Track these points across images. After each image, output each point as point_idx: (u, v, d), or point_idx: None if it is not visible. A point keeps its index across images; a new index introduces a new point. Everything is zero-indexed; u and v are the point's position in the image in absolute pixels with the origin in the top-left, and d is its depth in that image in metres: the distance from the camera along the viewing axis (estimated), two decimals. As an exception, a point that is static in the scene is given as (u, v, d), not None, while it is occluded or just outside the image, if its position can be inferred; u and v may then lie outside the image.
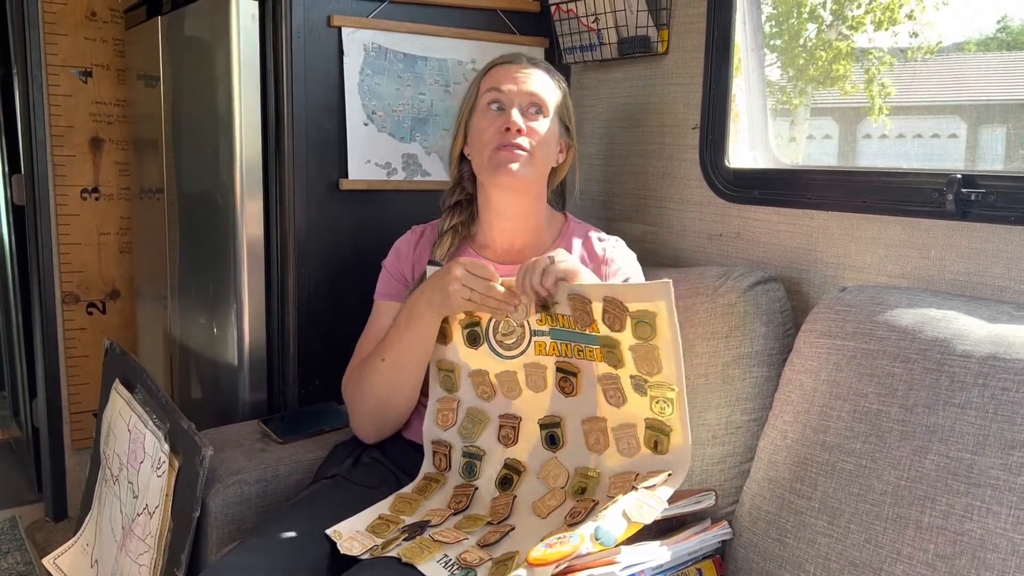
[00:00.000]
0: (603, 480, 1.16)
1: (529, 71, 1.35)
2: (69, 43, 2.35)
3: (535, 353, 1.20)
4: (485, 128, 1.33)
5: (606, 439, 1.17)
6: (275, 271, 1.68)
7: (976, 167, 2.28)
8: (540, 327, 1.19)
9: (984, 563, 0.93)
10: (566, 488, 1.18)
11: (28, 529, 2.40)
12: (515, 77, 1.34)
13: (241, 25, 1.62)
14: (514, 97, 1.32)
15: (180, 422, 1.35)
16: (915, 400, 1.05)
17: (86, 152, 2.41)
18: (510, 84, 1.33)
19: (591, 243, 1.40)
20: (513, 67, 1.36)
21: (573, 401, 1.19)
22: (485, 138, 1.32)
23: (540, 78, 1.35)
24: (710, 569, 1.17)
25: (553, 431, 1.21)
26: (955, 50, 2.58)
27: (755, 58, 1.66)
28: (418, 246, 1.42)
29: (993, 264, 1.20)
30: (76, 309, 2.45)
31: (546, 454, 1.21)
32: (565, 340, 1.18)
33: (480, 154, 1.34)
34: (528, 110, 1.33)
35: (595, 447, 1.18)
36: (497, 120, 1.32)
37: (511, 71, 1.35)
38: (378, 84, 1.68)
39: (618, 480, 1.13)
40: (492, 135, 1.31)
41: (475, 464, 1.25)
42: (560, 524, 1.11)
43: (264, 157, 1.66)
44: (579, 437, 1.19)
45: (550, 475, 1.20)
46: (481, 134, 1.33)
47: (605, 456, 1.17)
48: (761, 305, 1.33)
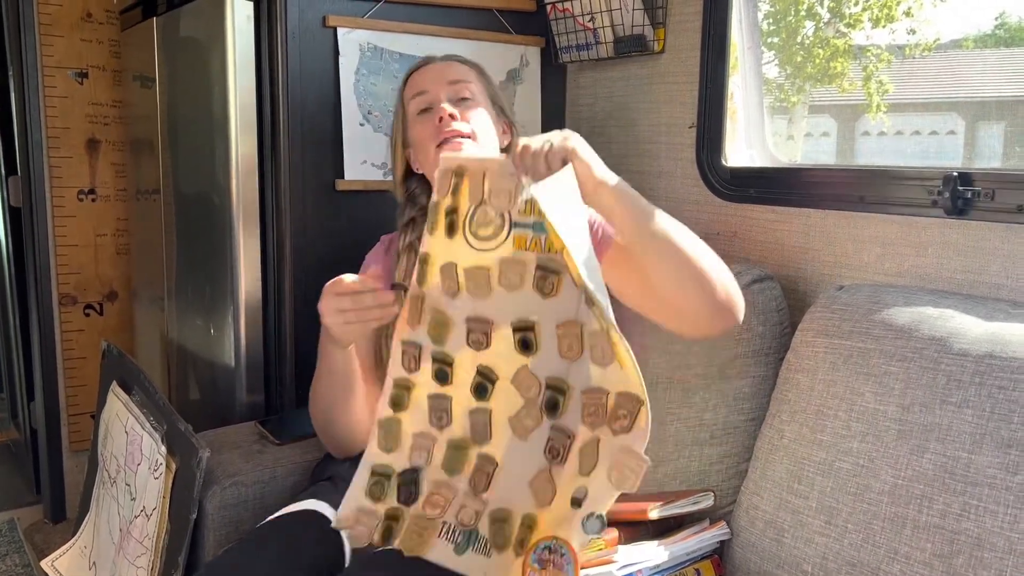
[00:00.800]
0: (574, 395, 1.03)
1: (443, 65, 1.37)
2: (65, 44, 2.34)
3: (513, 248, 1.05)
4: (422, 132, 1.31)
5: (580, 346, 1.02)
6: (272, 272, 1.68)
7: (974, 164, 2.27)
8: (523, 218, 1.03)
9: (981, 562, 0.93)
10: (539, 402, 1.06)
11: (26, 531, 2.40)
12: (433, 74, 1.35)
13: (236, 25, 1.61)
14: (439, 91, 1.32)
15: (177, 424, 1.35)
16: (912, 399, 1.05)
17: (82, 153, 2.41)
18: (430, 82, 1.33)
19: None
20: (428, 68, 1.37)
21: (551, 303, 1.04)
22: (426, 141, 1.30)
23: (457, 68, 1.36)
24: (708, 569, 1.17)
25: (526, 335, 1.08)
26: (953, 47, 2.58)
27: (752, 56, 1.66)
28: (385, 259, 1.40)
29: (990, 262, 1.20)
30: (73, 311, 2.45)
31: (519, 359, 1.08)
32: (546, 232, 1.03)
33: (426, 159, 1.31)
34: (456, 101, 1.32)
35: (568, 354, 1.03)
36: (430, 120, 1.30)
37: (427, 72, 1.36)
38: (374, 84, 1.68)
39: (590, 401, 1.00)
40: (430, 133, 1.29)
41: (446, 370, 1.12)
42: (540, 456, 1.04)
43: (260, 158, 1.66)
44: (552, 343, 1.05)
45: (522, 385, 1.08)
46: (422, 141, 1.31)
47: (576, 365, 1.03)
48: (758, 304, 1.32)
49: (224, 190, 1.68)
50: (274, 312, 1.69)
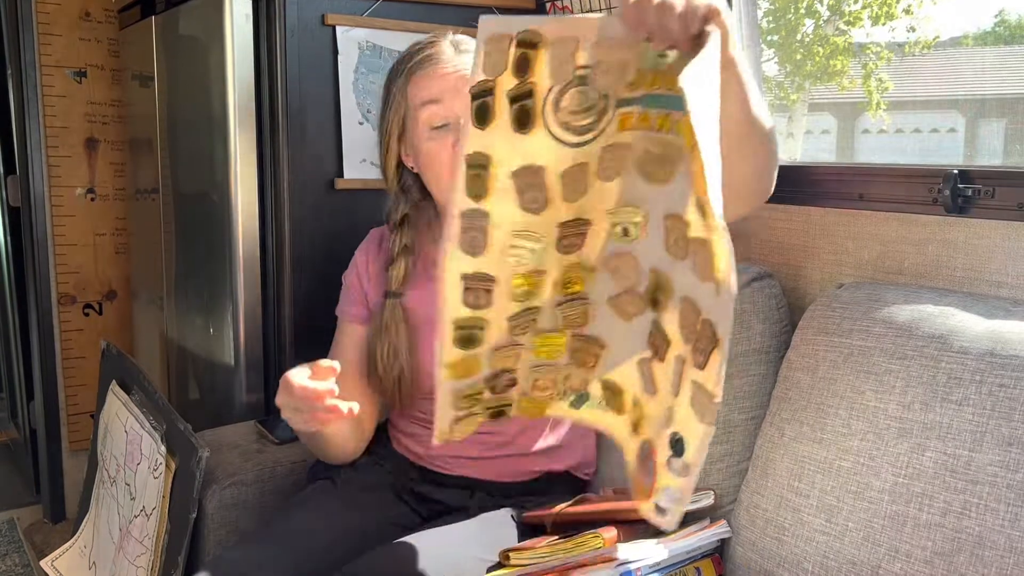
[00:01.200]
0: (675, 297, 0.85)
1: (462, 62, 1.17)
2: (63, 43, 2.34)
3: (618, 129, 0.84)
4: (437, 151, 1.16)
5: (684, 248, 0.82)
6: (271, 271, 1.68)
7: (975, 161, 2.27)
8: (630, 94, 0.82)
9: (982, 560, 0.93)
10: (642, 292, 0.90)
11: (26, 531, 2.40)
12: (448, 82, 1.15)
13: (235, 24, 1.61)
14: (453, 103, 1.14)
15: (177, 423, 1.35)
16: (912, 397, 1.04)
17: (81, 153, 2.41)
18: (445, 91, 1.15)
19: None
20: (441, 68, 1.17)
21: (661, 190, 0.85)
22: (437, 164, 1.17)
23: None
24: (708, 568, 1.16)
25: (628, 225, 0.90)
26: (952, 44, 2.58)
27: (752, 54, 1.65)
28: (378, 256, 1.33)
29: (991, 260, 1.19)
30: (72, 310, 2.45)
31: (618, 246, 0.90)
32: (661, 107, 0.82)
33: (438, 180, 1.20)
34: None
35: (674, 249, 0.84)
36: (447, 139, 1.15)
37: (439, 75, 1.16)
38: (373, 83, 1.68)
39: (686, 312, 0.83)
40: (448, 157, 1.15)
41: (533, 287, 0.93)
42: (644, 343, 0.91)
43: (259, 157, 1.66)
44: (659, 233, 0.86)
45: (620, 271, 0.91)
46: (433, 158, 1.17)
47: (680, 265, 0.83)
48: (758, 302, 1.32)
49: (223, 189, 1.67)
50: (273, 311, 1.69)
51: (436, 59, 1.18)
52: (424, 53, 1.19)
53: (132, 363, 1.58)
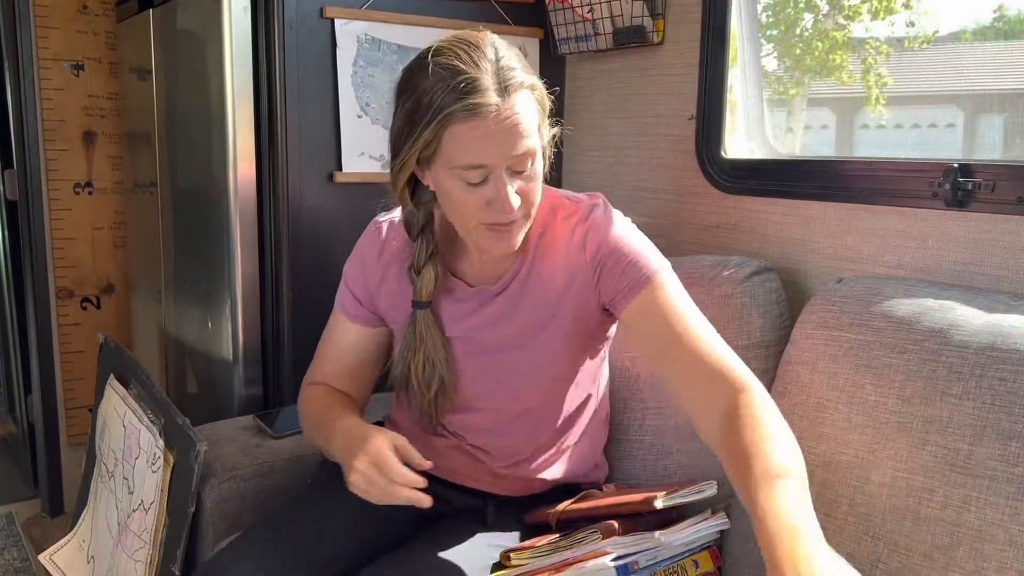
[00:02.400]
0: None
1: (508, 118, 1.00)
2: (60, 36, 2.33)
3: None
4: (464, 201, 1.04)
5: None
6: (269, 265, 1.67)
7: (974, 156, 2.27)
8: None
9: (982, 554, 0.93)
10: None
11: (24, 525, 2.40)
12: (500, 140, 1.00)
13: (233, 17, 1.60)
14: (499, 165, 1.02)
15: (175, 417, 1.35)
16: (912, 391, 1.04)
17: (79, 146, 2.40)
18: (493, 154, 1.01)
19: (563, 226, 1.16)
20: (486, 123, 0.99)
21: None
22: (465, 212, 1.06)
23: (526, 114, 1.02)
24: (706, 561, 1.16)
25: None
26: (952, 39, 2.57)
27: (751, 48, 1.65)
28: (383, 251, 1.23)
29: (991, 254, 1.19)
30: (70, 304, 2.45)
31: None
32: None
33: (459, 222, 1.10)
34: (516, 169, 1.04)
35: None
36: (479, 193, 1.03)
37: (487, 131, 0.99)
38: (371, 76, 1.67)
39: None
40: (475, 212, 1.05)
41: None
42: None
43: (257, 150, 1.65)
44: None
45: None
46: (459, 206, 1.06)
47: None
48: (758, 296, 1.32)
49: (221, 183, 1.67)
50: (272, 305, 1.68)
51: (481, 112, 0.98)
52: (469, 99, 0.98)
53: (130, 357, 1.57)
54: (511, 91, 1.00)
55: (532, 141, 1.03)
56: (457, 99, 0.98)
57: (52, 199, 2.36)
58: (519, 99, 1.01)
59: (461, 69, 0.99)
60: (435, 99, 1.00)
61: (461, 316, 1.19)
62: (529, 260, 1.17)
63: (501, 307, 1.17)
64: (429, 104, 1.00)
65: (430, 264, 1.15)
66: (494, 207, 1.04)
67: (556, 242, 1.16)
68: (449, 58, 1.00)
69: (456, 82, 0.99)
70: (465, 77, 0.99)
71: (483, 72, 1.00)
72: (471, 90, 0.98)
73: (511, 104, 1.00)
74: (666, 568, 1.08)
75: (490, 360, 1.19)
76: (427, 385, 1.18)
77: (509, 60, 1.02)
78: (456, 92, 0.98)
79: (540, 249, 1.17)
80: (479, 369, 1.20)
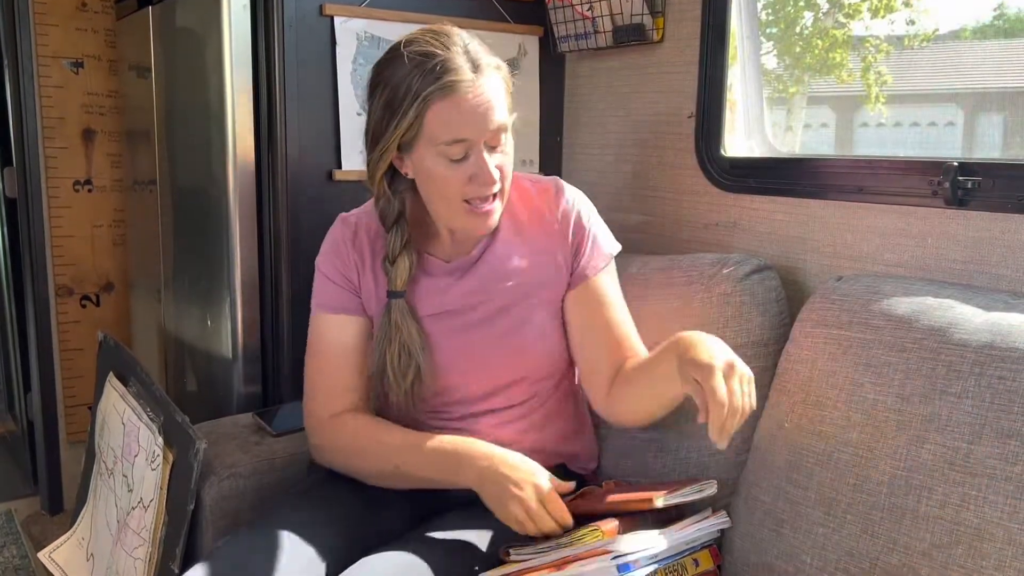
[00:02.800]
0: None
1: (485, 92, 1.10)
2: (60, 34, 2.33)
3: None
4: (447, 178, 1.12)
5: None
6: (268, 263, 1.67)
7: (973, 155, 2.27)
8: None
9: (980, 552, 0.93)
10: None
11: (24, 523, 2.40)
12: (477, 115, 1.09)
13: (232, 14, 1.60)
14: (481, 140, 1.11)
15: (174, 415, 1.35)
16: (911, 389, 1.04)
17: (78, 144, 2.40)
18: (472, 128, 1.10)
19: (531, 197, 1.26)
20: (462, 98, 1.08)
21: None
22: (449, 190, 1.14)
23: (496, 91, 1.12)
24: (706, 559, 1.16)
25: None
26: (952, 38, 2.57)
27: (751, 46, 1.65)
28: (355, 241, 1.27)
29: (990, 252, 1.19)
30: (69, 302, 2.45)
31: None
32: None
33: (441, 202, 1.17)
34: (492, 144, 1.13)
35: None
36: (460, 171, 1.12)
37: (464, 106, 1.08)
38: (371, 74, 1.67)
39: None
40: (458, 188, 1.13)
41: None
42: None
43: (257, 148, 1.65)
44: None
45: None
46: (443, 183, 1.13)
47: None
48: (757, 295, 1.32)
49: (221, 180, 1.67)
50: (271, 303, 1.68)
51: (458, 88, 1.08)
52: (445, 78, 1.08)
53: (129, 355, 1.57)
54: (482, 69, 1.10)
55: (504, 116, 1.12)
56: (435, 79, 1.08)
57: (51, 197, 2.36)
58: (489, 76, 1.11)
59: (435, 53, 1.09)
60: (413, 84, 1.08)
61: (436, 292, 1.24)
62: (501, 233, 1.24)
63: (476, 281, 1.23)
64: (407, 89, 1.09)
65: (405, 253, 1.20)
66: (476, 181, 1.12)
67: (530, 216, 1.26)
68: (421, 46, 1.10)
69: (432, 64, 1.08)
70: (439, 59, 1.08)
71: (455, 54, 1.09)
72: (446, 70, 1.08)
73: (483, 81, 1.10)
74: (667, 566, 1.08)
75: (465, 337, 1.24)
76: (403, 374, 1.21)
77: (475, 44, 1.13)
78: (433, 74, 1.08)
79: (512, 223, 1.26)
80: (455, 347, 1.23)
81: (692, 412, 1.08)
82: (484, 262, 1.24)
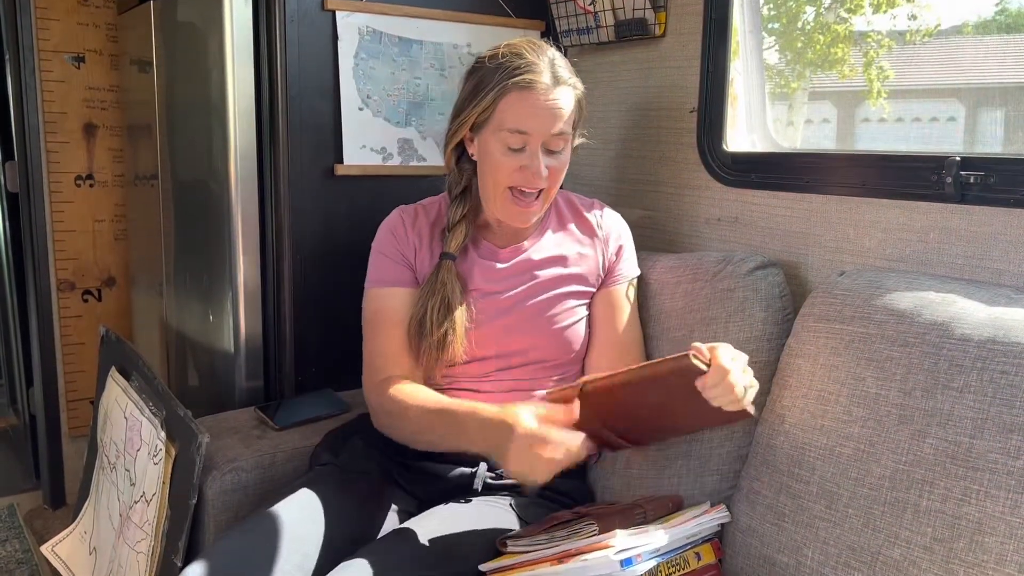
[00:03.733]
0: None
1: (557, 99, 1.25)
2: (61, 28, 2.33)
3: None
4: (501, 164, 1.26)
5: None
6: (270, 257, 1.67)
7: (975, 150, 2.27)
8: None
9: (982, 546, 0.93)
10: None
11: (26, 517, 2.40)
12: (542, 115, 1.24)
13: (234, 9, 1.60)
14: (538, 138, 1.25)
15: (176, 409, 1.35)
16: (913, 384, 1.04)
17: (80, 138, 2.40)
18: (536, 125, 1.24)
19: (577, 208, 1.43)
20: (536, 98, 1.24)
21: None
22: (500, 176, 1.27)
23: (567, 103, 1.26)
24: (708, 553, 1.17)
25: None
26: (954, 33, 2.56)
27: (753, 41, 1.65)
28: (415, 226, 1.38)
29: (992, 247, 1.19)
30: (71, 296, 2.45)
31: None
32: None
33: (491, 185, 1.30)
34: (551, 148, 1.27)
35: None
36: (516, 159, 1.26)
37: (536, 106, 1.24)
38: (373, 68, 1.67)
39: None
40: (507, 175, 1.27)
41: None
42: None
43: (258, 143, 1.65)
44: None
45: None
46: (496, 168, 1.27)
47: None
48: (760, 290, 1.32)
49: (223, 175, 1.67)
50: (273, 298, 1.68)
51: (533, 86, 1.24)
52: (525, 75, 1.24)
53: (131, 349, 1.58)
54: (560, 82, 1.26)
55: (567, 127, 1.27)
56: (518, 75, 1.24)
57: (53, 191, 2.36)
58: (565, 91, 1.26)
59: (525, 56, 1.26)
60: (499, 75, 1.25)
61: (484, 271, 1.35)
62: (550, 232, 1.39)
63: (521, 267, 1.36)
64: (493, 78, 1.25)
65: (463, 223, 1.34)
66: (525, 173, 1.26)
67: (577, 222, 1.41)
68: (516, 50, 1.27)
69: (519, 63, 1.25)
70: (525, 61, 1.25)
71: (541, 62, 1.26)
72: (529, 71, 1.24)
73: (558, 91, 1.25)
74: (669, 560, 1.08)
75: (503, 315, 1.34)
76: (439, 324, 1.28)
77: (562, 61, 1.29)
78: (519, 71, 1.24)
79: (560, 224, 1.41)
80: (491, 320, 1.33)
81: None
82: (532, 252, 1.37)
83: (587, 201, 1.44)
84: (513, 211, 1.30)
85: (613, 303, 1.39)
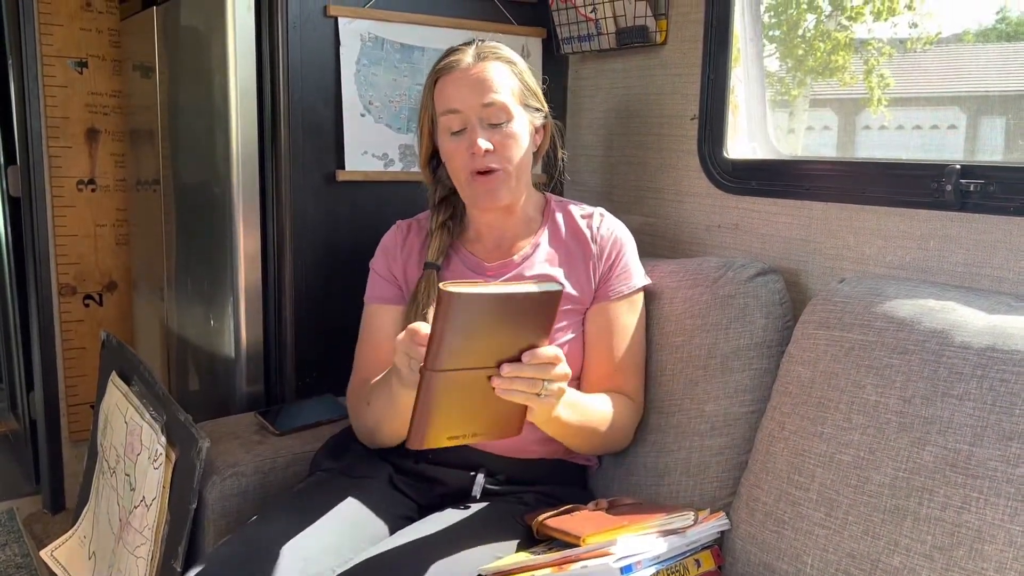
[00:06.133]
0: None
1: (478, 73, 1.26)
2: (64, 33, 2.34)
3: None
4: (453, 153, 1.28)
5: None
6: (272, 263, 1.68)
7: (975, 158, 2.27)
8: None
9: (981, 554, 0.93)
10: None
11: (26, 521, 2.40)
12: (466, 89, 1.25)
13: (237, 15, 1.61)
14: (471, 113, 1.26)
15: (177, 414, 1.35)
16: (913, 391, 1.04)
17: (82, 143, 2.41)
18: (463, 100, 1.25)
19: (573, 220, 1.38)
20: (459, 74, 1.26)
21: None
22: (456, 164, 1.29)
23: (493, 75, 1.26)
24: (708, 560, 1.16)
25: None
26: (954, 41, 2.57)
27: (754, 48, 1.65)
28: (406, 243, 1.39)
29: (992, 255, 1.19)
30: (73, 301, 2.45)
31: None
32: None
33: (455, 178, 1.31)
34: (490, 121, 1.26)
35: None
36: (462, 143, 1.27)
37: (460, 81, 1.26)
38: (375, 74, 1.67)
39: None
40: (462, 161, 1.27)
41: None
42: None
43: (260, 148, 1.66)
44: None
45: None
46: (451, 158, 1.29)
47: None
48: (761, 297, 1.32)
49: (224, 180, 1.67)
50: (274, 303, 1.68)
51: (455, 66, 1.27)
52: (448, 59, 1.28)
53: (132, 354, 1.58)
54: (485, 58, 1.27)
55: (502, 97, 1.26)
56: (441, 63, 1.29)
57: (55, 196, 2.37)
58: (491, 64, 1.27)
59: (452, 49, 1.29)
60: (431, 74, 1.30)
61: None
62: (542, 246, 1.36)
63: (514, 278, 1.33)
64: (430, 75, 1.30)
65: (441, 231, 1.34)
66: (473, 151, 1.25)
67: (571, 235, 1.37)
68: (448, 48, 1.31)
69: (444, 56, 1.29)
70: (451, 51, 1.29)
71: (467, 48, 1.29)
72: (451, 55, 1.28)
73: (483, 66, 1.26)
74: (668, 567, 1.08)
75: None
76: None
77: (493, 46, 1.30)
78: (443, 58, 1.29)
79: (553, 238, 1.37)
80: None
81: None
82: (523, 268, 1.34)
83: (588, 210, 1.40)
84: (478, 193, 1.28)
85: (607, 318, 1.33)
